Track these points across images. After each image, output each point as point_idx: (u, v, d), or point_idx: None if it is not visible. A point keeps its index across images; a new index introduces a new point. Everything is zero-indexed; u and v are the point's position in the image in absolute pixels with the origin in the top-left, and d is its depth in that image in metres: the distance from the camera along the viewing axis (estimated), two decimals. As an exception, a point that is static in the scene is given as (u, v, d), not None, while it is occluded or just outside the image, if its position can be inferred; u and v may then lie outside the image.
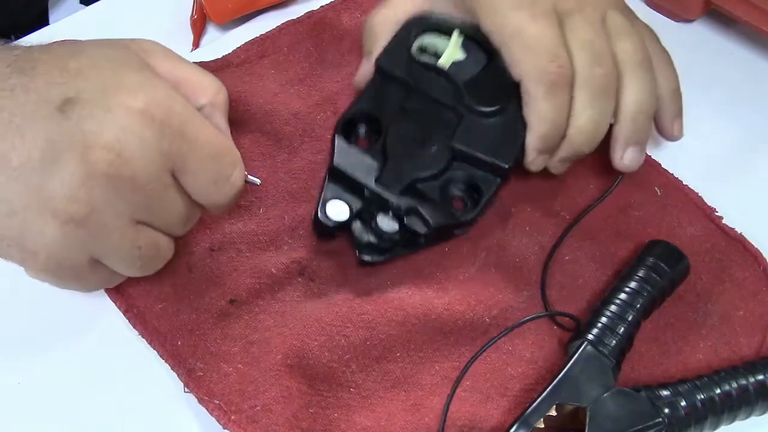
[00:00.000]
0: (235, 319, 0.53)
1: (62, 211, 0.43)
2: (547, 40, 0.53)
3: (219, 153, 0.47)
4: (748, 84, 0.70)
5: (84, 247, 0.45)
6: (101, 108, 0.43)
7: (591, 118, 0.54)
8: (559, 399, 0.49)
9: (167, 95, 0.45)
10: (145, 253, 0.47)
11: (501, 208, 0.60)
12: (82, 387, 0.51)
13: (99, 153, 0.42)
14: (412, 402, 0.51)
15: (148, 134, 0.43)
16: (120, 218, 0.44)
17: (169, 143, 0.44)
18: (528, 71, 0.54)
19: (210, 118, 0.49)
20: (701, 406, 0.49)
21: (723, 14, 0.71)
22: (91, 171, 0.42)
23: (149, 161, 0.44)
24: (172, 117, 0.44)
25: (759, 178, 0.64)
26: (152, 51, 0.49)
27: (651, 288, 0.53)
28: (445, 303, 0.55)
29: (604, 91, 0.54)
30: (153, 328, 0.53)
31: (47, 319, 0.54)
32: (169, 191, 0.46)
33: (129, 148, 0.43)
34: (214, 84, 0.50)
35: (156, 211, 0.46)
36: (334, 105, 0.64)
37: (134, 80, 0.45)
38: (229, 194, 0.49)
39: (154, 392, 0.51)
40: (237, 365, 0.51)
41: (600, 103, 0.54)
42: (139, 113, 0.43)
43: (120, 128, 0.43)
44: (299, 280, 0.55)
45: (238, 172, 0.49)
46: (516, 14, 0.54)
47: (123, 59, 0.46)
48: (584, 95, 0.54)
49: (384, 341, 0.53)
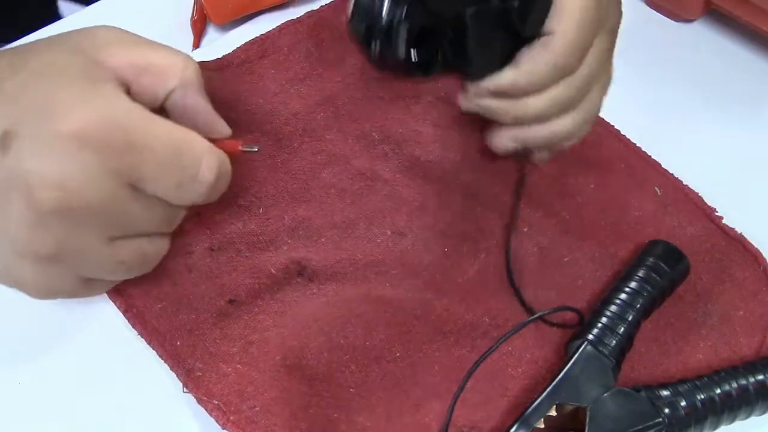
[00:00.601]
0: (234, 320, 0.53)
1: (28, 251, 0.42)
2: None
3: (176, 154, 0.44)
4: (748, 84, 0.70)
5: (66, 274, 0.44)
6: (37, 141, 0.40)
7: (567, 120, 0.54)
8: (559, 399, 0.49)
9: (105, 107, 0.42)
10: (131, 262, 0.46)
11: (501, 209, 0.60)
12: (82, 387, 0.51)
13: (43, 193, 0.40)
14: (412, 402, 0.51)
15: (89, 159, 0.40)
16: (91, 243, 0.43)
17: (116, 160, 0.41)
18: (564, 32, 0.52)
19: (185, 99, 0.47)
20: (701, 406, 0.49)
21: (723, 14, 0.71)
22: (41, 211, 0.40)
23: (99, 186, 0.41)
24: (112, 132, 0.41)
25: (759, 178, 0.64)
26: (106, 42, 0.45)
27: (651, 288, 0.53)
28: (445, 304, 0.55)
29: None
30: (152, 327, 0.53)
31: (47, 319, 0.54)
32: (134, 204, 0.44)
33: (73, 180, 0.40)
34: (179, 61, 0.47)
35: (128, 225, 0.45)
36: (334, 105, 0.64)
37: (69, 98, 0.41)
38: (201, 191, 0.46)
39: (153, 392, 0.51)
40: (236, 365, 0.51)
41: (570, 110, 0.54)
42: (75, 139, 0.40)
43: (59, 161, 0.40)
44: (298, 281, 0.55)
45: (207, 165, 0.45)
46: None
47: (63, 67, 0.43)
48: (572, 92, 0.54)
49: (384, 341, 0.53)
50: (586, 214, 0.60)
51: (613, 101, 0.66)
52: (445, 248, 0.58)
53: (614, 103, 0.66)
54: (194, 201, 0.46)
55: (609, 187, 0.62)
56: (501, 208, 0.60)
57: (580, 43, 0.52)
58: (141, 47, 0.47)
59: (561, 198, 0.61)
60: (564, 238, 0.59)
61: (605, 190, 0.61)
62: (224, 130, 0.50)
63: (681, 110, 0.68)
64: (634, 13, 0.74)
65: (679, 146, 0.64)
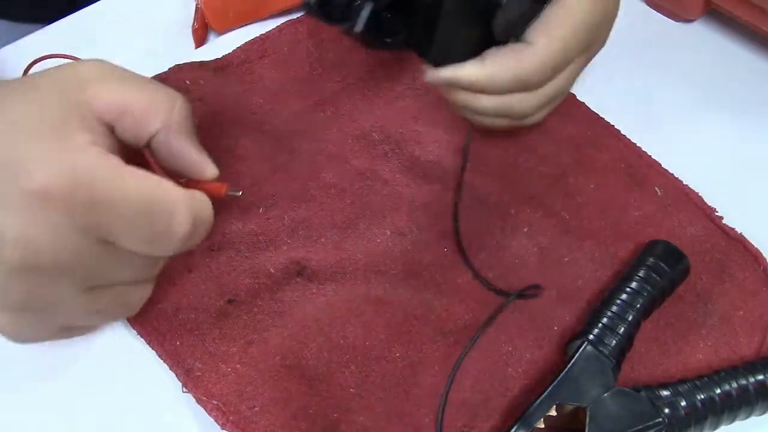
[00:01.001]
0: (233, 320, 0.53)
1: (0, 300, 0.42)
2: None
3: (145, 209, 0.42)
4: (748, 84, 0.70)
5: (42, 322, 0.44)
6: (3, 197, 0.39)
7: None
8: (559, 399, 0.49)
9: (70, 163, 0.40)
10: (110, 311, 0.46)
11: (500, 209, 0.60)
12: (81, 386, 0.51)
13: (9, 251, 0.39)
14: (412, 402, 0.51)
15: (54, 217, 0.39)
16: (64, 294, 0.42)
17: (82, 217, 0.40)
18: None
19: (168, 141, 0.46)
20: (701, 406, 0.49)
21: (723, 14, 0.71)
22: (10, 266, 0.40)
23: (66, 243, 0.40)
24: (76, 189, 0.40)
25: (759, 178, 0.64)
26: (89, 80, 0.44)
27: (651, 288, 0.53)
28: (444, 304, 0.55)
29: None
30: (152, 327, 0.53)
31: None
32: (109, 258, 0.42)
33: (38, 237, 0.39)
34: (166, 102, 0.46)
35: (103, 277, 0.44)
36: (334, 105, 0.64)
37: (35, 154, 0.40)
38: (175, 244, 0.44)
39: (153, 392, 0.51)
40: (235, 365, 0.51)
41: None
42: (38, 197, 0.39)
43: (23, 218, 0.39)
44: (298, 281, 0.55)
45: (179, 219, 0.43)
46: None
47: (35, 120, 0.42)
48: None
49: (383, 341, 0.53)
50: (587, 214, 0.60)
51: (614, 101, 0.66)
52: (444, 248, 0.58)
53: (614, 103, 0.66)
54: (169, 253, 0.44)
55: (609, 187, 0.62)
56: (501, 208, 0.60)
57: (554, 64, 0.52)
58: (126, 85, 0.45)
59: (561, 198, 0.61)
60: (564, 238, 0.59)
61: (605, 190, 0.61)
62: (210, 171, 0.48)
63: (681, 110, 0.68)
64: (634, 13, 0.74)
65: (679, 146, 0.64)
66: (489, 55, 0.52)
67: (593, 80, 0.56)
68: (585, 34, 0.53)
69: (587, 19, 0.52)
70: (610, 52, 0.59)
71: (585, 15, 0.52)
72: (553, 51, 0.52)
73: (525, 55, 0.51)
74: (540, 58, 0.51)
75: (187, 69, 0.65)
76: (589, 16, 0.52)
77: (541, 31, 0.52)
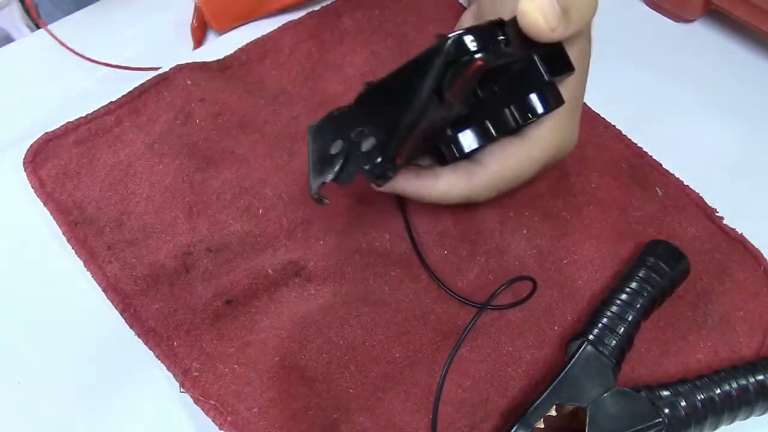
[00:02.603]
0: (231, 320, 0.53)
1: None
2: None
3: None
4: (748, 84, 0.70)
5: None
6: None
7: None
8: (559, 399, 0.49)
9: None
10: None
11: (499, 211, 0.60)
12: (79, 387, 0.51)
13: None
14: (412, 402, 0.51)
15: None
16: None
17: None
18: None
19: None
20: (701, 406, 0.49)
21: (723, 14, 0.71)
22: None
23: None
24: None
25: (759, 178, 0.64)
26: None
27: (651, 288, 0.53)
28: (444, 307, 0.55)
29: None
30: (149, 328, 0.53)
31: (45, 320, 0.54)
32: None
33: None
34: None
35: None
36: (335, 106, 0.64)
37: None
38: None
39: (151, 392, 0.51)
40: (233, 366, 0.51)
41: None
42: None
43: None
44: (296, 281, 0.55)
45: None
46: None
47: None
48: None
49: (383, 342, 0.53)
50: (587, 214, 0.60)
51: (614, 101, 0.66)
52: (444, 251, 0.58)
53: (615, 103, 0.66)
54: None
55: (610, 187, 0.61)
56: (500, 210, 0.60)
57: (502, 187, 0.54)
58: None
59: (562, 198, 0.61)
60: (563, 240, 0.59)
61: (606, 191, 0.61)
62: None
63: (681, 110, 0.68)
64: (634, 13, 0.74)
65: (680, 146, 0.64)
66: (443, 174, 0.53)
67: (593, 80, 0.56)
68: (538, 168, 0.54)
69: (543, 156, 0.54)
70: (610, 52, 0.58)
71: (541, 153, 0.53)
72: (505, 176, 0.54)
73: (476, 177, 0.53)
74: (490, 182, 0.54)
75: (188, 69, 0.65)
76: (546, 153, 0.54)
77: (497, 157, 0.53)
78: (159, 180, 0.58)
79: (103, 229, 0.56)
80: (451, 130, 0.53)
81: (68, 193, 0.58)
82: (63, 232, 0.56)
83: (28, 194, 0.58)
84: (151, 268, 0.54)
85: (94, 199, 0.57)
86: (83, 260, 0.55)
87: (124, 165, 0.59)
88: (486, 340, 0.54)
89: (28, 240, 0.57)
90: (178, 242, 0.56)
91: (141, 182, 0.58)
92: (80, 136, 0.60)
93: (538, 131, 0.53)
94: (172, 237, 0.56)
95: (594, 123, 0.65)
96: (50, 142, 0.60)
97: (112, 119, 0.61)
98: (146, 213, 0.57)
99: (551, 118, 0.53)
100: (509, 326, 0.55)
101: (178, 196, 0.58)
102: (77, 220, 0.56)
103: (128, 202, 0.58)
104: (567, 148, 0.55)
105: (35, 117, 0.63)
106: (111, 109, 0.62)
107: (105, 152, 0.60)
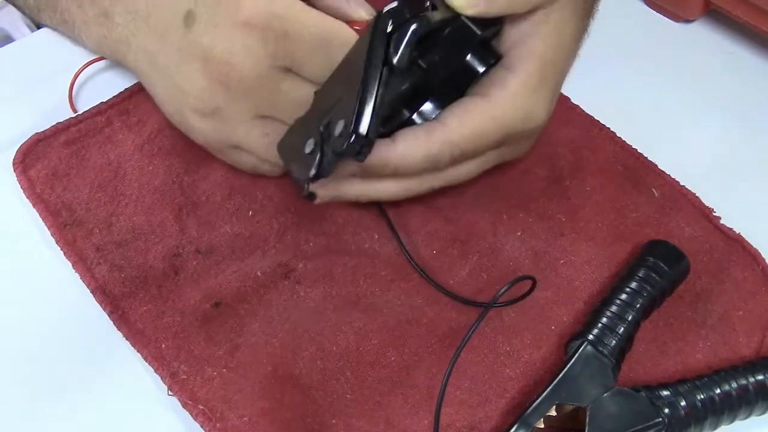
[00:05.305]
0: (219, 323, 0.53)
1: (194, 106, 0.52)
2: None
3: (325, 41, 0.50)
4: (748, 84, 0.70)
5: (221, 134, 0.54)
6: (213, 23, 0.50)
7: None
8: (559, 399, 0.48)
9: (268, 2, 0.49)
10: (274, 137, 0.53)
11: (492, 213, 0.59)
12: (65, 389, 0.51)
13: (214, 64, 0.50)
14: (411, 405, 0.51)
15: (251, 42, 0.49)
16: (242, 114, 0.52)
17: (273, 45, 0.49)
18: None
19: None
20: (701, 406, 0.49)
21: (723, 14, 0.71)
22: (210, 78, 0.50)
23: (256, 63, 0.50)
24: (272, 22, 0.49)
25: (757, 178, 0.64)
26: None
27: (651, 288, 0.53)
28: (436, 308, 0.55)
29: None
30: (137, 330, 0.52)
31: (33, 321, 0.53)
32: (284, 84, 0.51)
33: (237, 56, 0.49)
34: None
35: (276, 104, 0.52)
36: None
37: None
38: None
39: (140, 395, 0.51)
40: (221, 369, 0.51)
41: None
42: (242, 25, 0.49)
43: (228, 41, 0.49)
44: (285, 284, 0.55)
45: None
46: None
47: None
48: None
49: (377, 346, 0.53)
50: (583, 216, 0.60)
51: (612, 101, 0.66)
52: (433, 251, 0.57)
53: (612, 104, 0.66)
54: None
55: (606, 189, 0.61)
56: (493, 213, 0.59)
57: (465, 148, 0.52)
58: None
59: (557, 200, 0.61)
60: (559, 241, 0.59)
61: (602, 192, 0.61)
62: (364, 14, 0.54)
63: (679, 110, 0.68)
64: (633, 13, 0.74)
65: (677, 147, 0.64)
66: (400, 135, 0.52)
67: (591, 80, 0.56)
68: (500, 132, 0.52)
69: (505, 118, 0.52)
70: (609, 52, 0.59)
71: (504, 114, 0.52)
72: (464, 134, 0.51)
73: (435, 134, 0.51)
74: (450, 138, 0.51)
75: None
76: (508, 116, 0.52)
77: (456, 115, 0.52)
78: (148, 181, 0.58)
79: (92, 230, 0.56)
80: (408, 112, 0.54)
81: (57, 195, 0.57)
82: (52, 233, 0.55)
83: (18, 195, 0.58)
84: (140, 270, 0.54)
85: (83, 201, 0.57)
86: (72, 262, 0.54)
87: (113, 166, 0.59)
88: (482, 341, 0.54)
89: (18, 241, 0.56)
90: (167, 244, 0.55)
91: (130, 183, 0.58)
92: (70, 137, 0.60)
93: (502, 92, 0.52)
94: (161, 238, 0.56)
95: (588, 126, 0.65)
96: (40, 143, 0.59)
97: (102, 120, 0.61)
98: (135, 214, 0.57)
99: (517, 81, 0.52)
100: (504, 326, 0.54)
101: (167, 197, 0.58)
102: (66, 221, 0.56)
103: (117, 203, 0.57)
104: (533, 121, 0.53)
105: (35, 117, 0.62)
106: (101, 110, 0.62)
107: (95, 153, 0.59)
